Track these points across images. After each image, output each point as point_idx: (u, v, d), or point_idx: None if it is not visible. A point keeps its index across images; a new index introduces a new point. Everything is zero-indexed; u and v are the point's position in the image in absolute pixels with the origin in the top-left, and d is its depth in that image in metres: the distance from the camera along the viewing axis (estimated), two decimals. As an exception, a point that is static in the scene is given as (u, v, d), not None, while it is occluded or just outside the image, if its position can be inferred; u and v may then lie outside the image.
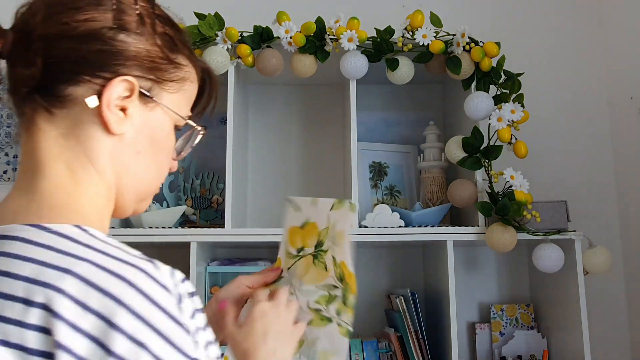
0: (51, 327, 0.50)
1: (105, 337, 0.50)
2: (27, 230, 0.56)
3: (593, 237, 1.53)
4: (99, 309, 0.51)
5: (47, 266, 0.53)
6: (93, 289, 0.52)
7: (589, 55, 1.93)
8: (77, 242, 0.56)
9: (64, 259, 0.54)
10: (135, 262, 0.55)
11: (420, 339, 1.53)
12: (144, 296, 0.53)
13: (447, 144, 1.57)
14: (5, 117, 1.89)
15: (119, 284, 0.52)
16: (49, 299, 0.51)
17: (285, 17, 1.53)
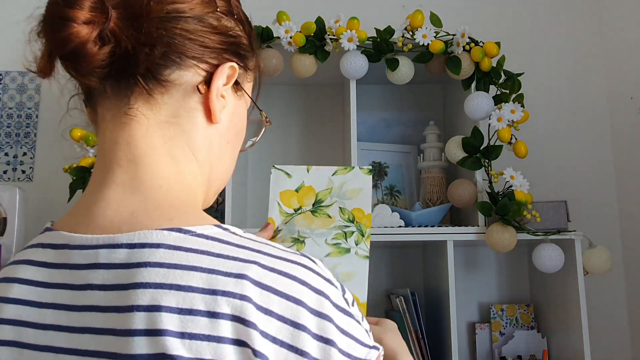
0: (246, 339, 0.48)
1: (296, 341, 0.48)
2: (169, 236, 0.51)
3: (593, 237, 1.53)
4: (281, 312, 0.49)
5: (217, 273, 0.49)
6: (271, 292, 0.49)
7: (589, 55, 1.93)
8: (228, 244, 0.52)
9: (230, 264, 0.50)
10: (297, 259, 0.53)
11: (420, 339, 1.53)
12: (318, 294, 0.51)
13: (447, 144, 1.57)
14: (5, 117, 1.89)
15: (294, 285, 0.50)
16: (236, 308, 0.48)
17: (285, 17, 1.53)
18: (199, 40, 0.57)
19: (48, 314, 0.51)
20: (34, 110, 1.90)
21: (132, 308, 0.48)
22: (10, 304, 0.53)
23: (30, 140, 1.88)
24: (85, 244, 0.53)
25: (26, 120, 1.89)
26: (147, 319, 0.48)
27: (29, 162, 1.87)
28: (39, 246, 0.56)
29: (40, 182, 1.85)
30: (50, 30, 0.52)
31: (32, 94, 1.91)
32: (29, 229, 1.83)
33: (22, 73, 1.92)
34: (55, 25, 0.52)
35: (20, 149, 1.87)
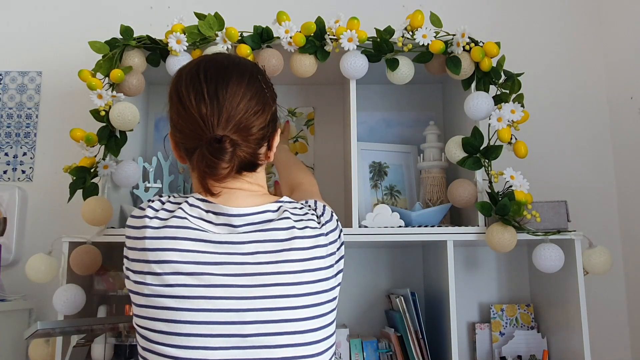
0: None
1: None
2: (291, 201, 1.00)
3: (593, 237, 1.53)
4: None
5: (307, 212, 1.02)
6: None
7: (588, 55, 1.93)
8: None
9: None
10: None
11: (420, 339, 1.53)
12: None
13: (447, 144, 1.57)
14: (5, 117, 1.89)
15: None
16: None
17: (285, 17, 1.53)
18: (271, 130, 0.99)
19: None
20: (34, 110, 1.90)
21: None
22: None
23: (30, 140, 1.88)
24: (238, 213, 0.94)
25: (26, 120, 1.89)
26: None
27: (29, 162, 1.87)
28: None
29: (40, 182, 1.85)
30: (207, 165, 0.89)
31: (32, 94, 1.91)
32: (29, 229, 1.83)
33: (22, 73, 1.92)
34: (211, 165, 0.89)
35: (20, 149, 1.87)
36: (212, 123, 0.90)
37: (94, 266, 1.47)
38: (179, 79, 0.97)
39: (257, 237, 0.91)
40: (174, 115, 0.96)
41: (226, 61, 0.98)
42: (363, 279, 1.79)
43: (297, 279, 0.90)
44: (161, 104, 1.88)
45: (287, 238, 0.91)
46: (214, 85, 0.93)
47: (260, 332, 0.87)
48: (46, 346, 1.51)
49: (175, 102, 0.96)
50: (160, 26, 1.59)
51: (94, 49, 1.52)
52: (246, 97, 0.93)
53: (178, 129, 0.96)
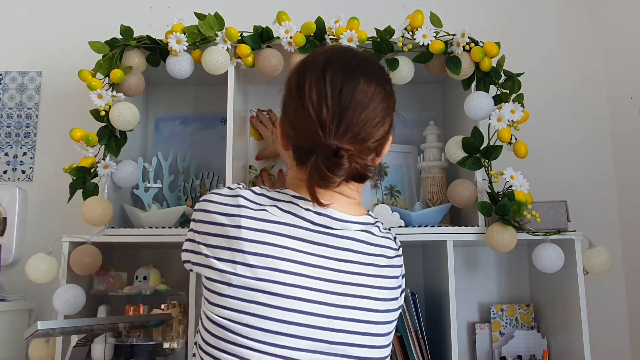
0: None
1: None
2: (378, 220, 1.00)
3: (593, 237, 1.53)
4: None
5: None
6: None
7: (589, 55, 1.93)
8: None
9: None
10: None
11: (420, 339, 1.53)
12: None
13: (447, 144, 1.57)
14: (5, 117, 1.89)
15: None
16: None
17: (285, 17, 1.53)
18: (386, 137, 0.96)
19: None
20: (34, 110, 1.90)
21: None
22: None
23: (30, 140, 1.88)
24: (338, 218, 0.93)
25: (26, 120, 1.89)
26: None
27: (29, 162, 1.87)
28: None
29: (40, 182, 1.85)
30: (320, 177, 0.86)
31: (32, 94, 1.91)
32: (29, 229, 1.83)
33: (22, 73, 1.92)
34: (325, 178, 0.86)
35: (20, 149, 1.87)
36: (330, 130, 0.87)
37: (94, 266, 1.47)
38: (304, 73, 0.93)
39: (353, 247, 0.91)
40: (291, 111, 0.93)
41: (354, 62, 0.93)
42: (363, 279, 1.78)
43: (379, 294, 0.92)
44: (161, 104, 1.88)
45: (376, 254, 0.93)
46: (340, 87, 0.89)
47: (347, 342, 0.87)
48: (46, 346, 1.51)
49: (294, 96, 0.92)
50: (160, 26, 1.59)
51: (94, 49, 1.52)
52: (369, 107, 0.89)
53: (292, 126, 0.92)
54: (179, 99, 1.88)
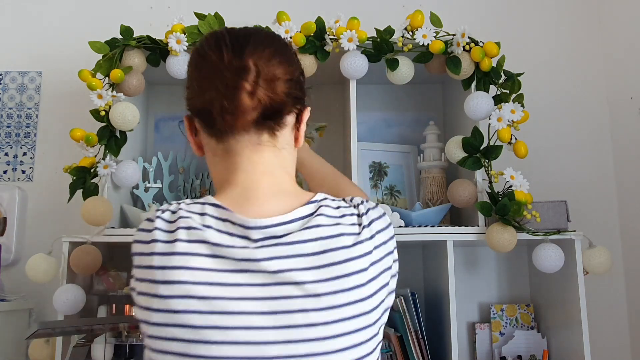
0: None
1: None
2: (326, 199, 0.83)
3: (593, 237, 1.53)
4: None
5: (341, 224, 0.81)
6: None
7: (589, 55, 1.93)
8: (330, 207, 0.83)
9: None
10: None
11: (420, 339, 1.52)
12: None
13: (447, 144, 1.57)
14: (5, 117, 1.89)
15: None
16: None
17: (285, 17, 1.53)
18: (298, 94, 0.86)
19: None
20: (34, 110, 1.90)
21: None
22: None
23: (30, 140, 1.88)
24: (256, 225, 0.78)
25: (26, 120, 1.89)
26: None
27: (29, 162, 1.87)
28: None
29: (40, 182, 1.85)
30: (224, 95, 0.79)
31: (32, 94, 1.91)
32: (29, 229, 1.83)
33: (22, 73, 1.92)
34: (229, 92, 0.79)
35: (20, 149, 1.87)
36: (234, 65, 0.80)
37: (94, 266, 1.47)
38: (197, 50, 0.87)
39: (280, 253, 0.76)
40: (192, 76, 0.86)
41: (248, 29, 0.88)
42: (363, 279, 1.78)
43: (329, 302, 0.74)
44: (161, 104, 1.88)
45: (317, 251, 0.76)
46: (238, 41, 0.83)
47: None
48: (46, 346, 1.51)
49: (192, 65, 0.86)
50: (160, 26, 1.59)
51: (94, 49, 1.52)
52: (270, 48, 0.83)
53: (194, 88, 0.84)
54: (179, 99, 1.87)
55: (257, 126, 0.82)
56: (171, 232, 0.77)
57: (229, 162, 0.84)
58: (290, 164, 0.88)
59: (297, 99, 0.85)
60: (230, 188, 0.83)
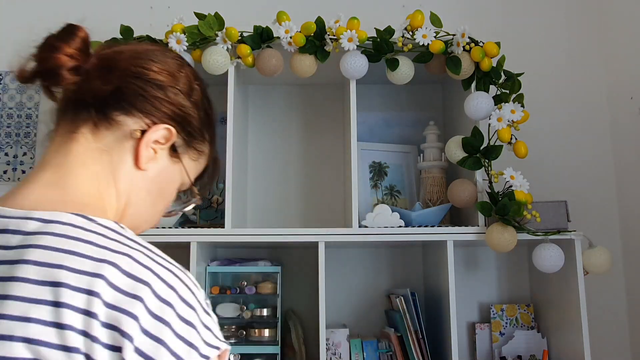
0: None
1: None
2: (76, 219, 0.62)
3: (593, 237, 1.53)
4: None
5: (106, 249, 0.60)
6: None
7: (589, 55, 1.93)
8: (118, 234, 0.63)
9: (115, 245, 0.61)
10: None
11: (420, 339, 1.53)
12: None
13: (447, 144, 1.57)
14: (5, 117, 1.89)
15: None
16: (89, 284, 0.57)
17: (285, 17, 1.53)
18: (150, 101, 0.71)
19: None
20: (34, 110, 1.90)
21: (21, 261, 0.58)
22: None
23: (30, 140, 1.88)
24: (2, 215, 0.62)
25: (26, 120, 1.89)
26: (39, 271, 0.57)
27: (29, 162, 1.87)
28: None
29: (40, 182, 1.85)
30: (40, 51, 0.69)
31: (32, 94, 1.91)
32: (29, 229, 1.82)
33: (22, 73, 1.92)
34: (45, 49, 0.68)
35: (20, 149, 1.88)
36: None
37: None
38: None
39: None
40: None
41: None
42: (363, 279, 1.79)
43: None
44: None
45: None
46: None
47: None
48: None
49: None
50: (160, 26, 1.59)
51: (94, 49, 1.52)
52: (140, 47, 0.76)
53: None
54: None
55: (75, 106, 0.74)
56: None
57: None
58: (110, 176, 0.73)
59: (145, 103, 0.73)
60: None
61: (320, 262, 1.48)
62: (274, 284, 1.61)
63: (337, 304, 1.74)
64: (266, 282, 1.62)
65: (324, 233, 1.50)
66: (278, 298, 1.60)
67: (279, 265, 1.63)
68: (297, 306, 1.75)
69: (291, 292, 1.74)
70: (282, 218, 1.80)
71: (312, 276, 1.62)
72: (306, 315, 1.73)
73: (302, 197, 1.83)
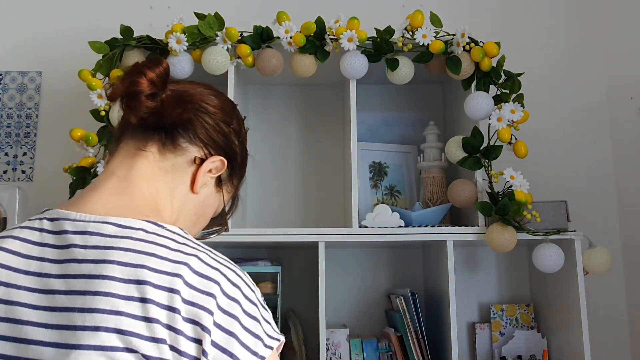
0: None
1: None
2: (147, 225, 0.69)
3: (593, 237, 1.53)
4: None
5: (178, 251, 0.66)
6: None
7: (588, 55, 1.93)
8: (185, 238, 0.70)
9: (185, 248, 0.67)
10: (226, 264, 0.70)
11: (420, 339, 1.53)
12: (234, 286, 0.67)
13: (447, 144, 1.57)
14: (5, 117, 1.89)
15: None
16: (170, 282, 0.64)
17: (285, 17, 1.53)
18: (211, 133, 0.81)
19: (33, 264, 0.66)
20: (34, 110, 1.90)
21: (106, 261, 0.64)
22: (4, 253, 0.68)
23: (30, 140, 1.88)
24: (79, 219, 0.69)
25: (26, 120, 1.89)
26: (123, 270, 0.63)
27: (29, 162, 1.87)
28: (37, 219, 0.73)
29: (40, 182, 1.85)
30: (128, 74, 0.75)
31: (32, 94, 1.90)
32: (29, 229, 1.82)
33: (22, 73, 1.92)
34: (134, 73, 0.75)
35: (20, 149, 1.87)
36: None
37: (93, 266, 1.46)
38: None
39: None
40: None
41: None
42: (363, 279, 1.79)
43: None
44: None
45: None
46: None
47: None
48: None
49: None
50: (160, 26, 1.59)
51: (94, 49, 1.52)
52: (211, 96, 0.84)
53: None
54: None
55: (147, 127, 0.81)
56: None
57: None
58: (169, 192, 0.80)
59: (208, 138, 0.83)
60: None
61: (320, 262, 1.48)
62: (274, 284, 1.61)
63: (337, 304, 1.74)
64: (266, 282, 1.62)
65: (324, 233, 1.50)
66: (278, 298, 1.60)
67: (279, 265, 1.63)
68: (297, 306, 1.75)
69: (291, 292, 1.74)
70: (282, 218, 1.80)
71: (312, 276, 1.61)
72: (306, 315, 1.73)
73: (302, 197, 1.83)
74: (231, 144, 0.84)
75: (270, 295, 1.60)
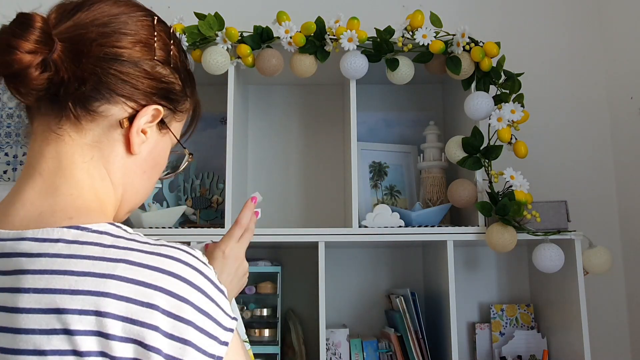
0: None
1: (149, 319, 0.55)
2: (68, 232, 0.58)
3: (593, 237, 1.53)
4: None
5: (101, 260, 0.56)
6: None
7: (589, 55, 1.93)
8: (117, 237, 0.59)
9: (112, 251, 0.57)
10: (165, 252, 0.59)
11: (420, 339, 1.53)
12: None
13: (447, 144, 1.57)
14: (5, 117, 1.89)
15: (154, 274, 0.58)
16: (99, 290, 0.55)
17: (285, 17, 1.53)
18: (131, 82, 0.65)
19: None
20: (34, 110, 1.90)
21: (21, 290, 0.55)
22: None
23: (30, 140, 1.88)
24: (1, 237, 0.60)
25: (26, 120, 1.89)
26: (39, 300, 0.54)
27: (29, 162, 1.87)
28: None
29: (40, 182, 1.85)
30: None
31: (32, 94, 1.91)
32: (29, 229, 1.82)
33: (22, 73, 1.92)
34: (2, 50, 0.60)
35: (20, 149, 1.88)
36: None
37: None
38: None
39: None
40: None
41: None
42: (363, 279, 1.79)
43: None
44: (161, 104, 1.88)
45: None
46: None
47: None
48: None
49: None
50: (160, 26, 1.59)
51: (94, 49, 1.52)
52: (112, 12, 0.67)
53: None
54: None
55: (51, 102, 0.67)
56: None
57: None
58: (104, 170, 0.70)
59: (126, 86, 0.67)
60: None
61: (320, 262, 1.48)
62: (274, 284, 1.61)
63: (337, 304, 1.74)
64: (266, 282, 1.62)
65: (324, 233, 1.50)
66: (278, 298, 1.60)
67: (279, 265, 1.63)
68: (297, 306, 1.75)
69: (291, 292, 1.74)
70: (282, 218, 1.80)
71: (312, 276, 1.61)
72: (306, 315, 1.73)
73: (302, 197, 1.83)
74: (161, 80, 0.68)
75: (270, 295, 1.60)
